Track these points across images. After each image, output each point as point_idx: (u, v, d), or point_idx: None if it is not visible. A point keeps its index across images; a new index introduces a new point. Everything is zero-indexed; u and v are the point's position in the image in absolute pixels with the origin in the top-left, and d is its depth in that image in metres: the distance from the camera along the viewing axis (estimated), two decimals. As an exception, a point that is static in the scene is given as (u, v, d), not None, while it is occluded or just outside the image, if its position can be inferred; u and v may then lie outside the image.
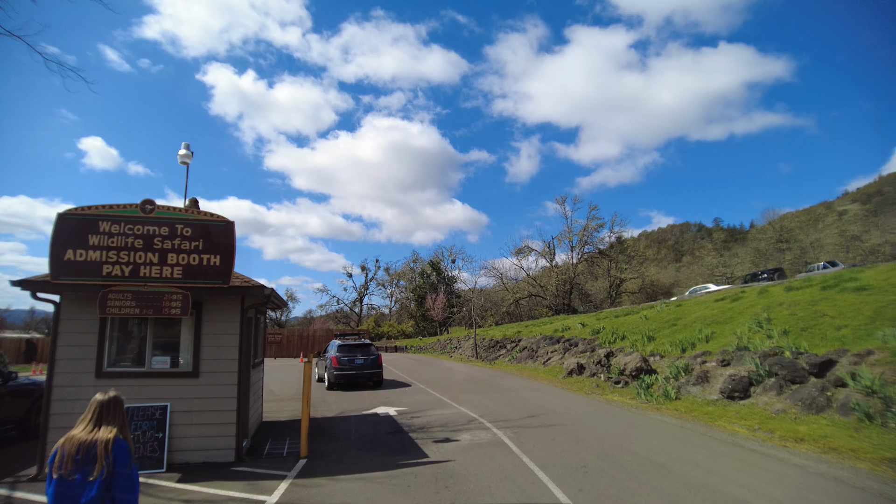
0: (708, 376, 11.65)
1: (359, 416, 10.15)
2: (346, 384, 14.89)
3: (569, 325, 26.24)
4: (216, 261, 6.84)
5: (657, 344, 16.23)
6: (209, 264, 6.82)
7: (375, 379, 15.23)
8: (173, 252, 6.74)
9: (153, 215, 6.79)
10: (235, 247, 7.00)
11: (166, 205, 6.92)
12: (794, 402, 9.04)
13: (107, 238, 6.56)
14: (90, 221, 6.56)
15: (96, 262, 6.47)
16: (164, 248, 6.72)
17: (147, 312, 6.56)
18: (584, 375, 16.22)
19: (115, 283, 6.49)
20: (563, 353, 20.87)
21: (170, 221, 6.82)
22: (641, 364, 13.72)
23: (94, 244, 6.51)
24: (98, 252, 6.50)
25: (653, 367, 14.05)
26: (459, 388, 14.54)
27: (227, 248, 6.93)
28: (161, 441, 6.59)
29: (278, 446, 7.72)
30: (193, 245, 6.83)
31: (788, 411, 8.80)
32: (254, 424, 8.94)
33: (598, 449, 7.07)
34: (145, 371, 6.86)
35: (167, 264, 6.70)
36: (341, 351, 15.27)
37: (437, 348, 42.17)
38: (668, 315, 19.38)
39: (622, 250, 55.11)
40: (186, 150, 8.98)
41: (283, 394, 14.38)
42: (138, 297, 6.54)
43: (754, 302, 15.83)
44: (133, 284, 6.55)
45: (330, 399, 12.93)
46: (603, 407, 10.98)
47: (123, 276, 6.53)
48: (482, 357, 29.24)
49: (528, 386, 15.07)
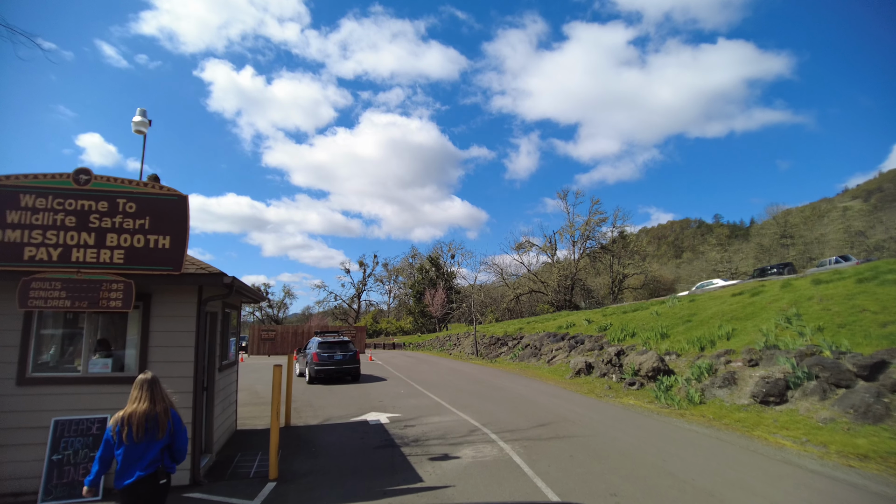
0: (735, 378, 10.49)
1: (346, 425, 8.98)
2: (325, 378, 15.57)
3: (573, 321, 25.09)
4: (165, 243, 5.65)
5: (672, 342, 15.07)
6: (157, 247, 5.63)
7: (353, 374, 16.08)
8: (113, 232, 5.55)
9: (89, 187, 5.59)
10: (189, 226, 5.80)
11: (106, 175, 5.71)
12: (843, 409, 7.89)
13: (30, 214, 5.37)
14: (8, 194, 5.35)
15: (16, 243, 5.29)
16: (103, 228, 5.53)
17: (81, 305, 5.36)
18: (594, 375, 15.07)
19: (40, 270, 5.30)
20: (569, 352, 19.72)
21: (109, 195, 5.62)
22: (658, 364, 12.56)
23: (14, 222, 5.32)
24: (18, 231, 5.31)
25: (670, 367, 12.90)
26: (459, 390, 13.38)
27: (180, 227, 5.73)
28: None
29: (247, 463, 6.56)
30: (138, 224, 5.63)
31: (838, 420, 7.65)
32: (224, 434, 7.77)
33: (626, 469, 5.90)
34: (81, 376, 5.67)
35: (106, 247, 5.50)
36: (321, 347, 15.84)
37: (435, 345, 41.02)
38: (681, 311, 18.22)
39: (625, 245, 53.88)
40: (142, 116, 7.75)
41: (270, 396, 13.19)
42: (70, 287, 5.35)
43: (778, 296, 14.67)
44: (63, 271, 5.36)
45: (317, 403, 11.76)
46: (620, 412, 9.82)
47: (51, 261, 5.34)
48: (483, 355, 28.10)
49: (534, 387, 13.91)
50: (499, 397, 11.90)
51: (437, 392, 13.17)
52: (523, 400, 11.45)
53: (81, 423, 5.46)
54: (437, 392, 13.17)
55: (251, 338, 35.83)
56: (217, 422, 7.16)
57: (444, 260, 69.35)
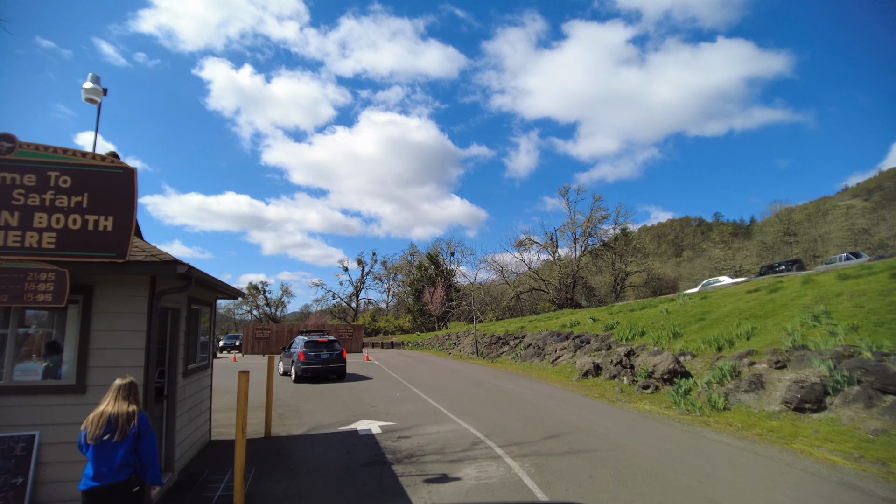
0: (762, 381, 9.56)
1: (333, 435, 8.04)
2: (312, 377, 15.72)
3: (577, 319, 24.15)
4: (108, 224, 4.69)
5: (686, 341, 14.14)
6: (97, 230, 4.67)
7: (339, 372, 16.23)
8: (43, 211, 4.59)
9: (13, 157, 4.63)
10: (136, 205, 4.83)
11: (35, 144, 4.74)
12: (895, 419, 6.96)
13: (-62, 189, 4.42)
14: (-90, 163, 4.40)
15: (-81, 223, 4.33)
16: (30, 206, 4.57)
17: (1, 299, 4.41)
18: (603, 377, 14.14)
19: (-50, 256, 4.34)
20: (574, 351, 18.79)
21: (38, 167, 4.66)
22: (674, 365, 11.62)
23: (-83, 197, 4.37)
24: (-78, 209, 4.36)
25: (686, 368, 11.97)
26: (459, 394, 12.44)
27: (125, 206, 4.77)
28: (21, 489, 4.46)
29: (213, 484, 5.61)
30: (74, 201, 4.67)
31: (892, 433, 6.71)
32: (192, 448, 6.82)
33: (658, 495, 4.97)
34: (3, 385, 4.71)
35: (33, 229, 4.54)
36: (308, 346, 15.97)
37: (434, 344, 40.09)
38: (692, 308, 17.30)
39: (627, 242, 52.91)
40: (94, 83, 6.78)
41: (256, 399, 12.23)
42: (-12, 277, 4.39)
43: (799, 292, 13.75)
44: (-21, 258, 4.40)
45: (305, 408, 10.82)
46: (637, 420, 8.89)
47: (-36, 246, 4.38)
48: (483, 354, 27.18)
49: (539, 390, 12.98)
50: (502, 402, 10.96)
51: (435, 396, 12.23)
52: (529, 405, 10.51)
53: (2, 443, 4.52)
54: (435, 396, 12.23)
55: (245, 337, 34.86)
56: (181, 435, 6.21)
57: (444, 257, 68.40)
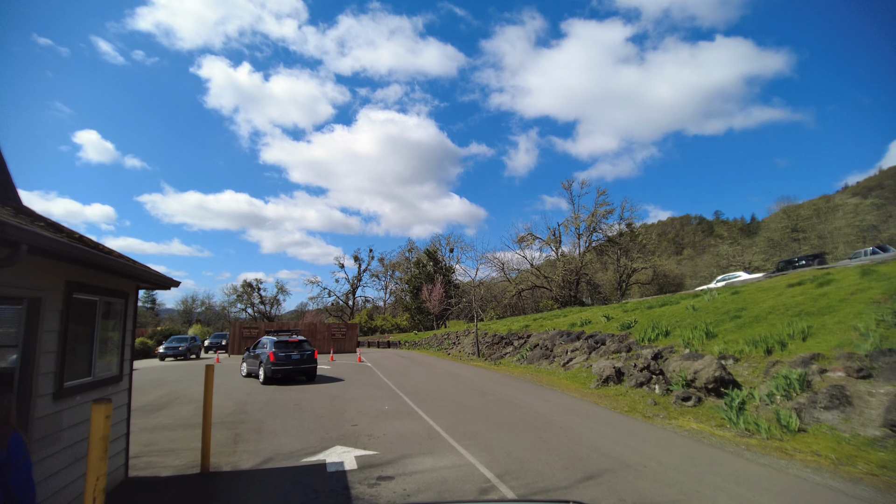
0: (846, 396, 7.54)
1: (292, 472, 5.99)
2: (282, 379, 15.13)
3: (588, 317, 22.12)
4: None
5: (724, 343, 12.12)
6: None
7: (310, 373, 15.74)
8: None
9: None
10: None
11: None
12: None
13: None
14: None
15: None
16: None
17: None
18: (627, 385, 12.11)
19: None
20: (589, 353, 16.77)
21: None
22: (720, 372, 9.60)
23: None
24: None
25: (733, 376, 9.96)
26: (460, 407, 10.41)
27: None
28: None
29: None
30: None
31: None
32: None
33: None
34: None
35: None
36: (278, 347, 15.35)
37: (433, 344, 38.06)
38: (724, 305, 15.28)
39: (633, 238, 50.89)
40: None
41: (218, 412, 10.21)
42: None
43: (859, 284, 11.73)
44: None
45: (270, 426, 8.77)
46: (694, 448, 6.86)
47: None
48: (485, 355, 25.15)
49: (556, 402, 10.96)
50: (514, 420, 8.91)
51: (431, 409, 10.20)
52: (548, 424, 8.48)
53: None
54: (431, 409, 10.20)
55: (232, 336, 32.75)
56: (55, 482, 4.18)
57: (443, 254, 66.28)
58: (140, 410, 10.57)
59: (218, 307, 77.64)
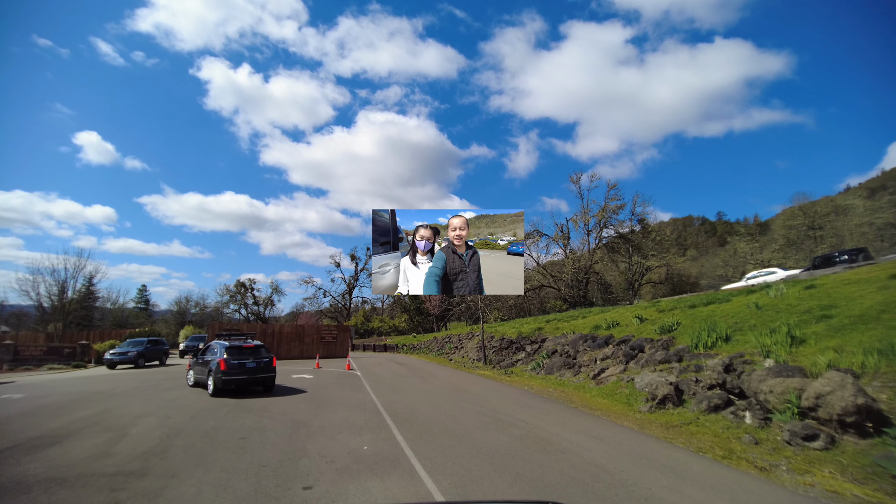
0: None
1: None
2: (235, 390, 13.28)
3: (615, 318, 18.94)
4: None
5: (819, 350, 8.98)
6: None
7: (268, 384, 13.83)
8: None
9: None
10: None
11: None
12: None
13: None
14: None
15: None
16: None
17: None
18: (695, 409, 8.96)
19: None
20: (626, 363, 13.62)
21: None
22: (863, 399, 6.43)
23: None
24: None
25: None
26: (472, 450, 7.24)
27: None
28: None
29: None
30: None
31: None
32: None
33: None
34: None
35: None
36: (230, 353, 13.32)
37: (433, 348, 34.88)
38: (798, 302, 12.13)
39: (646, 234, 47.71)
40: None
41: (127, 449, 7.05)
42: None
43: None
44: None
45: (170, 493, 5.62)
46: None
47: None
48: (493, 362, 21.98)
49: (612, 440, 7.79)
50: (563, 482, 5.71)
51: (429, 453, 7.05)
52: (618, 487, 5.32)
53: None
54: (429, 453, 7.05)
55: (210, 339, 29.60)
56: None
57: (443, 252, 63.06)
58: (22, 446, 7.42)
59: (211, 308, 74.68)
